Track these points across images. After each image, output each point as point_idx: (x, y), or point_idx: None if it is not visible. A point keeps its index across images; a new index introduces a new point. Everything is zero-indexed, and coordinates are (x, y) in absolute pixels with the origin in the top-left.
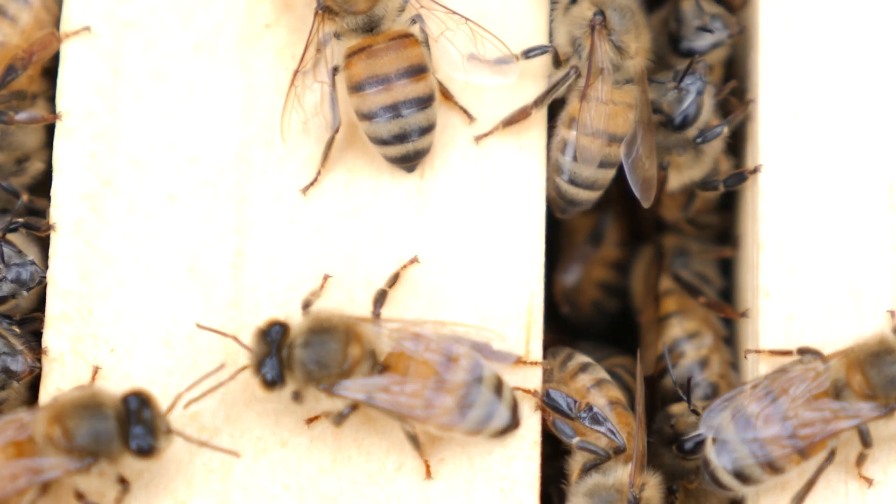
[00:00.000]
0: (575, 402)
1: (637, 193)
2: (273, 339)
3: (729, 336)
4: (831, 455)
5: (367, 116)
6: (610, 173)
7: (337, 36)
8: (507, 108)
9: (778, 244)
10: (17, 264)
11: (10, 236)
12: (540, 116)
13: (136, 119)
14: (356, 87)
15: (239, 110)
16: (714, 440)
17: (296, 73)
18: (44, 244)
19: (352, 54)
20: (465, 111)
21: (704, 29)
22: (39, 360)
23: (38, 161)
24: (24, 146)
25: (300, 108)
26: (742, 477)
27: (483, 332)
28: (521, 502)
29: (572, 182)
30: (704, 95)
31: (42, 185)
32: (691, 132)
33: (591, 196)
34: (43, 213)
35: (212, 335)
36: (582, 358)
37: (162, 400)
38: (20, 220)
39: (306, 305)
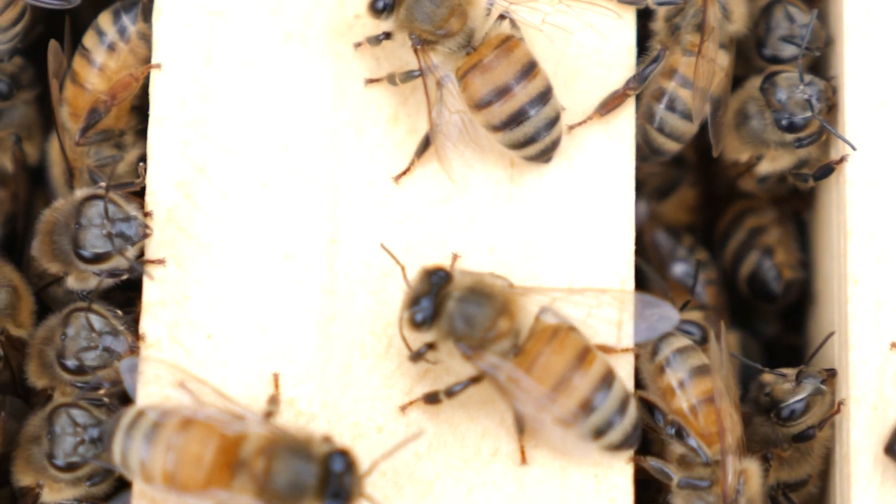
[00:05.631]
0: (663, 414)
1: (713, 143)
2: (435, 283)
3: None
4: None
5: (498, 128)
6: (694, 128)
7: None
8: (595, 96)
9: (865, 232)
10: (121, 219)
11: (113, 195)
12: (628, 105)
13: (228, 107)
14: (480, 105)
15: (329, 99)
16: None
17: (430, 113)
18: None
19: (465, 74)
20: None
21: (789, 40)
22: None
23: (136, 149)
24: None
25: (453, 146)
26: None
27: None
28: (616, 487)
29: (661, 131)
30: (821, 105)
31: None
32: (793, 138)
33: (674, 147)
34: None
35: (305, 322)
36: (669, 347)
37: (260, 385)
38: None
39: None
